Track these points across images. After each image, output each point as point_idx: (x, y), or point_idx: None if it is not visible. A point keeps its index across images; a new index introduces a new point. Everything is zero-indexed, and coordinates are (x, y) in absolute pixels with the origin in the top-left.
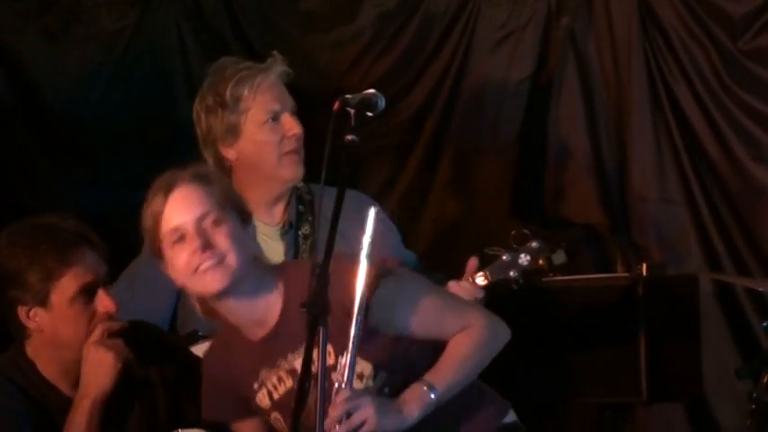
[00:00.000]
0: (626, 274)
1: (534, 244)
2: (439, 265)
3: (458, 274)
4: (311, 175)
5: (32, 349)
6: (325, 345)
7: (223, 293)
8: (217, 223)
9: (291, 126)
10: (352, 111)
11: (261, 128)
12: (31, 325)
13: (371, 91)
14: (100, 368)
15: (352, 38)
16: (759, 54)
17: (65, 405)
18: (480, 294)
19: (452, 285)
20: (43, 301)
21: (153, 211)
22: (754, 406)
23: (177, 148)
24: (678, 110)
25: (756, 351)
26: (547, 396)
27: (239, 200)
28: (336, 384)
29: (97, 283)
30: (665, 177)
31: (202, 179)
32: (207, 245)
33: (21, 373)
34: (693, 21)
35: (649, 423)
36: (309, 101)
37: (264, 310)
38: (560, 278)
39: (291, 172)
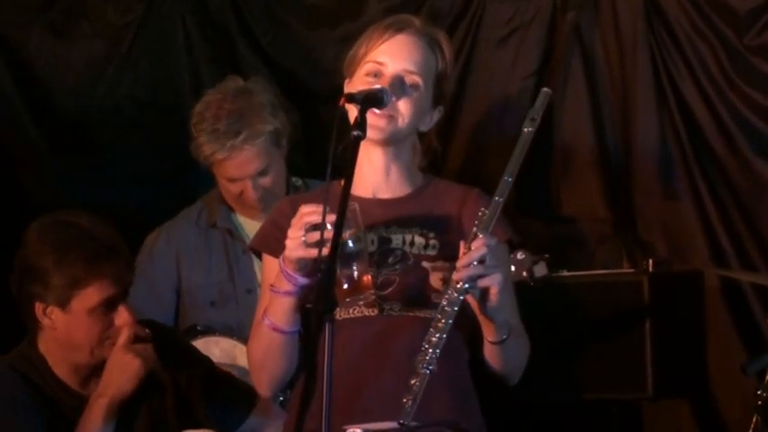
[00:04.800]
0: (632, 270)
1: (519, 255)
2: None
3: None
4: (316, 170)
5: (44, 345)
6: (332, 341)
7: (378, 142)
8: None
9: (249, 194)
10: (357, 106)
11: (228, 184)
12: (45, 322)
13: (377, 86)
14: (124, 372)
15: (358, 33)
16: (764, 50)
17: (75, 402)
18: None
19: None
20: (63, 304)
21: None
22: (759, 402)
23: (182, 143)
24: (684, 105)
25: (762, 347)
26: (552, 392)
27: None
28: (474, 229)
29: (120, 296)
30: (671, 173)
31: (431, 43)
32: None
33: (33, 368)
34: (699, 16)
35: (655, 419)
36: (315, 96)
37: (396, 180)
38: (566, 274)
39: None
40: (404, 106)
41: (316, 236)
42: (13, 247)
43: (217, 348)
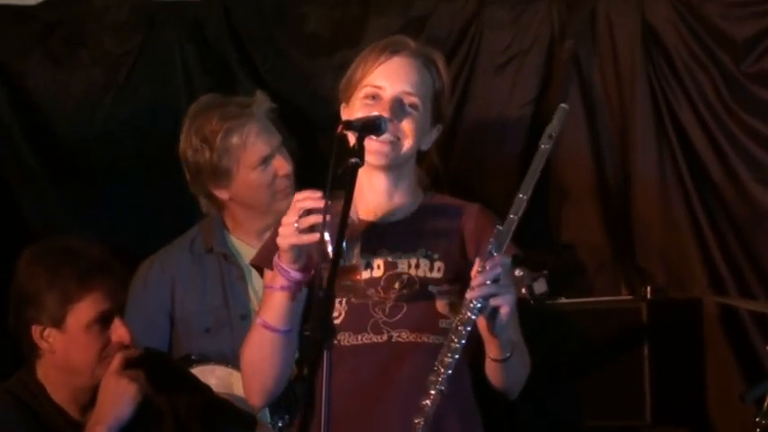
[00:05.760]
0: (630, 297)
1: (517, 272)
2: None
3: None
4: None
5: (43, 371)
6: (330, 367)
7: (381, 168)
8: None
9: (282, 166)
10: (355, 134)
11: (253, 171)
12: (43, 345)
13: (375, 114)
14: (119, 399)
15: None
16: (762, 77)
17: (73, 429)
18: None
19: None
20: (58, 324)
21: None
22: (758, 429)
23: (180, 172)
24: (682, 133)
25: (761, 375)
26: (550, 419)
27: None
28: (489, 247)
29: (114, 311)
30: (669, 200)
31: (427, 63)
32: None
33: (31, 396)
34: (697, 44)
35: None
36: (313, 124)
37: (399, 202)
38: (564, 301)
39: (285, 204)
40: (407, 127)
41: (309, 221)
42: (11, 274)
43: (213, 377)
